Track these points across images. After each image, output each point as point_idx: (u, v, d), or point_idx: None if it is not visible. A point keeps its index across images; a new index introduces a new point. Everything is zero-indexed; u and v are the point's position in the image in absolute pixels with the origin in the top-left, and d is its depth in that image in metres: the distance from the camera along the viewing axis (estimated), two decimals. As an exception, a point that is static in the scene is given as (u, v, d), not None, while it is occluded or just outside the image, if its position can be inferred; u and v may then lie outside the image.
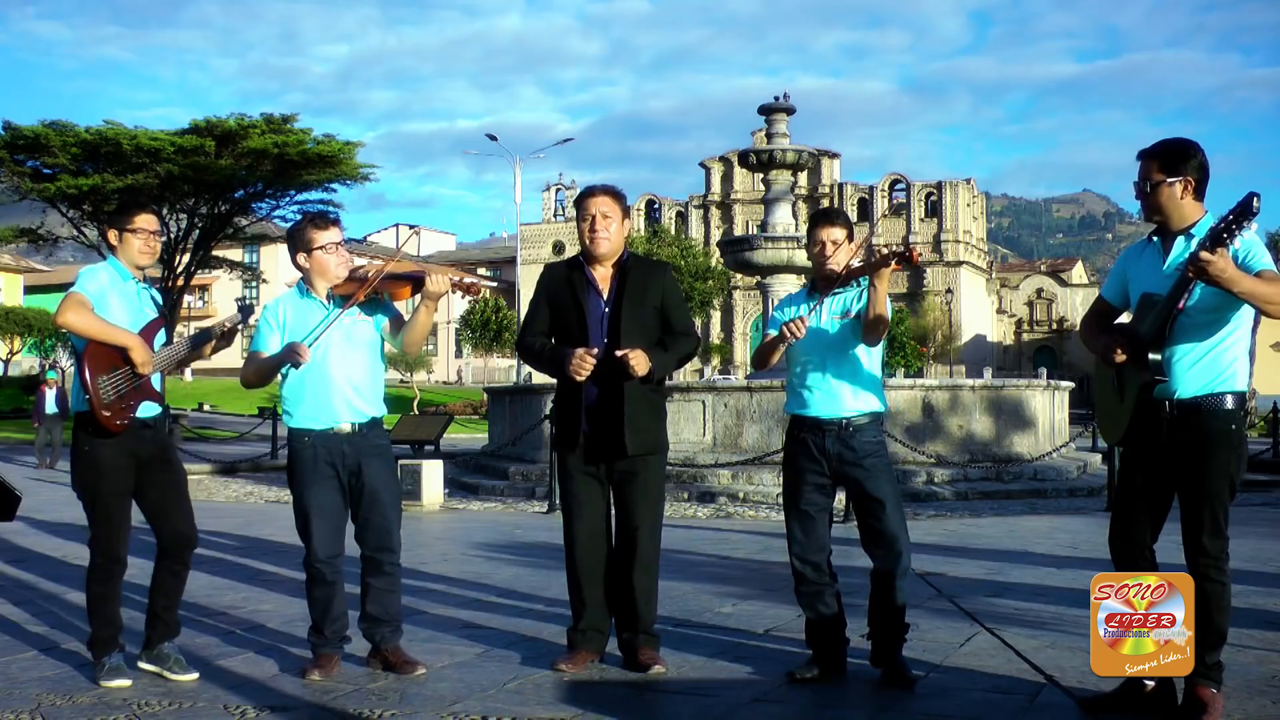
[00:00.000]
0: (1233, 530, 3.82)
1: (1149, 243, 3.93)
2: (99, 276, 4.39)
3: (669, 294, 4.59)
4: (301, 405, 4.50)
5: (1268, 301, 3.54)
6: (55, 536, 9.08)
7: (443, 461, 14.04)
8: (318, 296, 4.55)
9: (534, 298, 4.69)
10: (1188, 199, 3.76)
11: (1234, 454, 3.74)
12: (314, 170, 37.67)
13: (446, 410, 37.02)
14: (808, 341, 4.44)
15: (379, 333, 4.62)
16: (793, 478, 4.48)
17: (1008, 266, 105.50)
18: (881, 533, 4.36)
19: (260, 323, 4.60)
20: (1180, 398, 3.74)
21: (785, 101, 18.21)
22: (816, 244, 4.50)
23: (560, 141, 58.99)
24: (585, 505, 4.56)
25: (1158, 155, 3.79)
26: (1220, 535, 3.74)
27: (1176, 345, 3.72)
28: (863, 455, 4.37)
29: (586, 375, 4.38)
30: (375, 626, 4.54)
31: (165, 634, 4.50)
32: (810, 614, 4.46)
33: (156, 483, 4.46)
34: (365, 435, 4.53)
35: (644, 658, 4.49)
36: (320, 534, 4.46)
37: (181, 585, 4.58)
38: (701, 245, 63.04)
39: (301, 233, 4.58)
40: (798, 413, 4.50)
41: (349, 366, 4.51)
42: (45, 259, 56.42)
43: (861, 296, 4.40)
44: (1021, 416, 14.45)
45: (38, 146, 35.47)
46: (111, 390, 4.28)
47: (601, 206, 4.54)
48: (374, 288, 4.48)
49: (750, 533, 9.72)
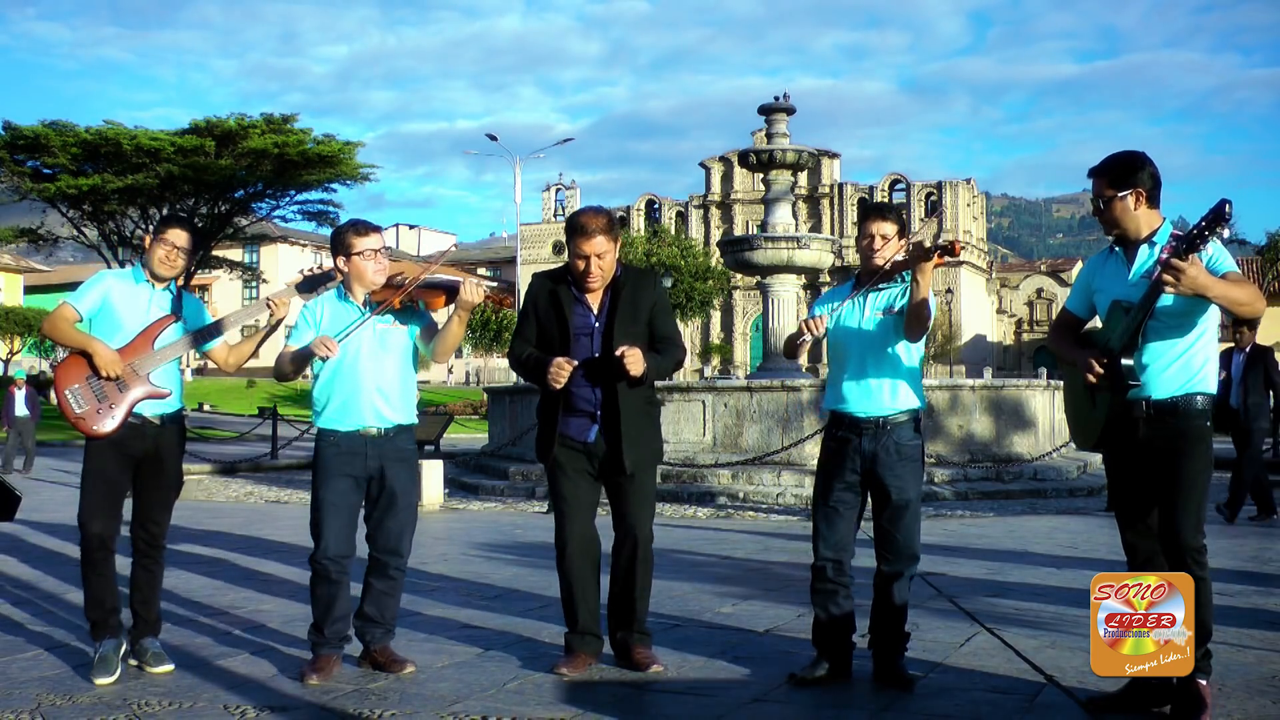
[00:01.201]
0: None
1: (1110, 253, 3.98)
2: (99, 284, 4.60)
3: (658, 306, 4.58)
4: (330, 406, 4.54)
5: (1240, 303, 3.61)
6: (55, 536, 9.07)
7: (443, 461, 14.03)
8: (355, 301, 4.59)
9: (522, 309, 4.70)
10: (1141, 209, 3.83)
11: (1208, 450, 3.82)
12: (314, 170, 37.71)
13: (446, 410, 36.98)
14: (848, 337, 4.43)
15: (413, 340, 4.66)
16: (825, 474, 4.45)
17: (1008, 266, 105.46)
18: (897, 538, 4.34)
19: (298, 320, 4.65)
20: (1156, 399, 3.78)
21: (785, 101, 18.20)
22: (866, 237, 4.46)
23: (560, 142, 59.00)
24: (576, 507, 4.54)
25: (1105, 171, 3.87)
26: (1200, 530, 3.79)
27: (1150, 348, 3.77)
28: (898, 458, 4.33)
29: (563, 383, 4.39)
30: (368, 626, 4.56)
31: (143, 630, 4.60)
32: (821, 613, 4.43)
33: (144, 482, 4.59)
34: (391, 440, 4.55)
35: (640, 657, 4.50)
36: (331, 531, 4.47)
37: (154, 580, 4.64)
38: (701, 245, 62.99)
39: (342, 237, 4.63)
40: (836, 409, 4.46)
41: (380, 371, 4.54)
42: (45, 259, 56.48)
43: (905, 293, 4.36)
44: (1021, 416, 14.44)
45: (38, 146, 35.50)
46: (84, 399, 4.43)
47: (597, 248, 4.43)
48: (409, 294, 4.51)
49: (750, 533, 9.71)
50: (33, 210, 38.04)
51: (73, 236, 38.90)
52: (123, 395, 4.46)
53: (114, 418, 4.44)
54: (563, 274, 4.61)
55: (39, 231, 38.87)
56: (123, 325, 4.53)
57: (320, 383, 4.57)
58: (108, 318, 4.54)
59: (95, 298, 4.55)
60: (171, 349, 4.57)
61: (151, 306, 4.59)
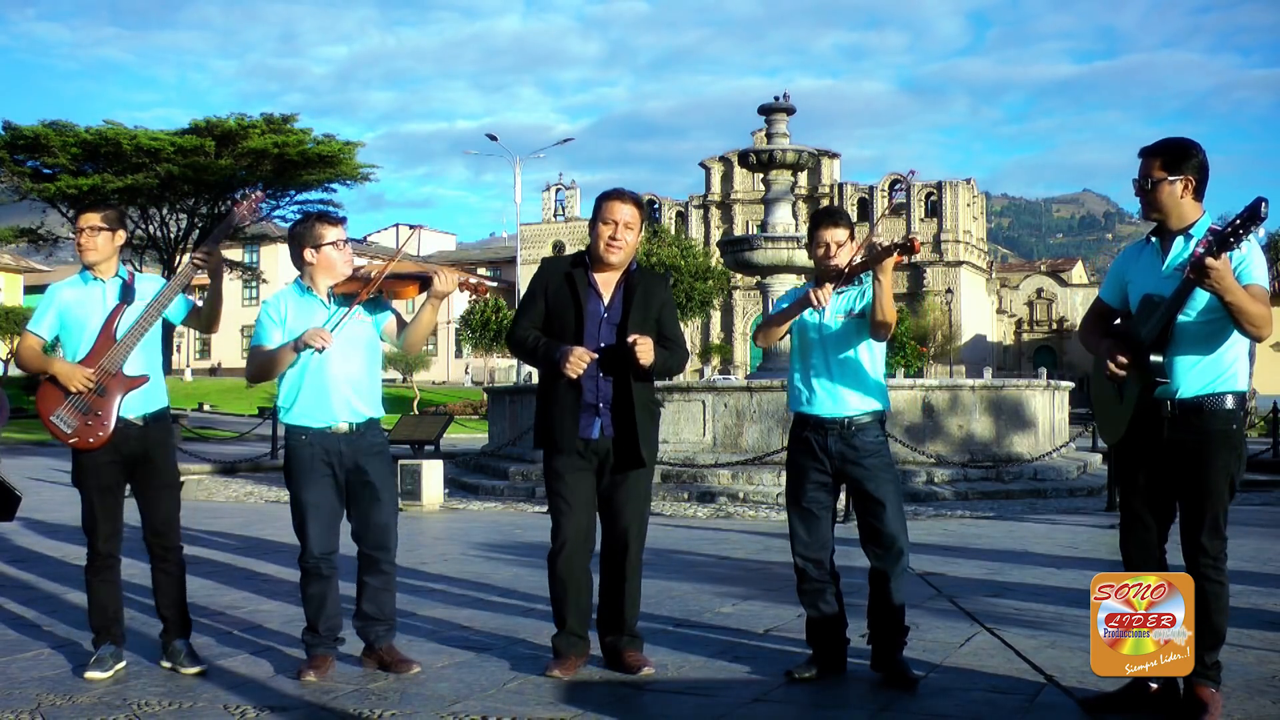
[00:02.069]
0: (1233, 530, 3.82)
1: (1147, 243, 3.92)
2: (50, 301, 4.58)
3: (666, 306, 4.58)
4: (299, 403, 4.50)
5: (1249, 320, 3.55)
6: (55, 537, 9.07)
7: (443, 461, 14.02)
8: (318, 294, 4.55)
9: (529, 290, 4.61)
10: (1187, 198, 3.76)
11: (1234, 454, 3.74)
12: (314, 170, 37.74)
13: (446, 410, 37.01)
14: (811, 339, 4.44)
15: (378, 332, 4.62)
16: (795, 476, 4.47)
17: (1008, 266, 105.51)
18: (881, 532, 4.36)
19: (261, 318, 4.60)
20: (1182, 397, 3.73)
21: (785, 101, 18.20)
22: (819, 245, 4.46)
23: (560, 142, 58.95)
24: (574, 507, 4.47)
25: (1160, 153, 3.78)
26: (1219, 535, 3.73)
27: (1178, 346, 3.71)
28: (864, 454, 4.36)
29: (579, 374, 4.34)
30: (370, 625, 4.55)
31: (174, 633, 4.60)
32: (811, 612, 4.46)
33: (140, 483, 4.58)
34: (363, 435, 4.53)
35: (631, 660, 4.46)
36: (315, 531, 4.47)
37: (175, 584, 4.62)
38: (701, 245, 62.98)
39: (310, 228, 4.59)
40: (800, 410, 4.49)
41: (348, 366, 4.50)
42: (45, 259, 56.43)
43: (865, 295, 4.38)
44: (1021, 416, 14.44)
45: (38, 146, 35.51)
46: (69, 418, 4.41)
47: (627, 216, 4.45)
48: (379, 286, 4.47)
49: (750, 533, 9.71)
50: (33, 210, 38.04)
51: (73, 236, 38.93)
52: (105, 399, 4.41)
53: (105, 425, 4.41)
54: (578, 259, 4.57)
55: (39, 231, 38.89)
56: (87, 330, 4.48)
57: (288, 380, 4.51)
58: (70, 328, 4.50)
59: (51, 316, 4.53)
60: (134, 332, 4.46)
61: (106, 301, 4.52)
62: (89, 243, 4.53)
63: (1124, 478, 4.02)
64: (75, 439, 4.41)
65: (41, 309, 4.58)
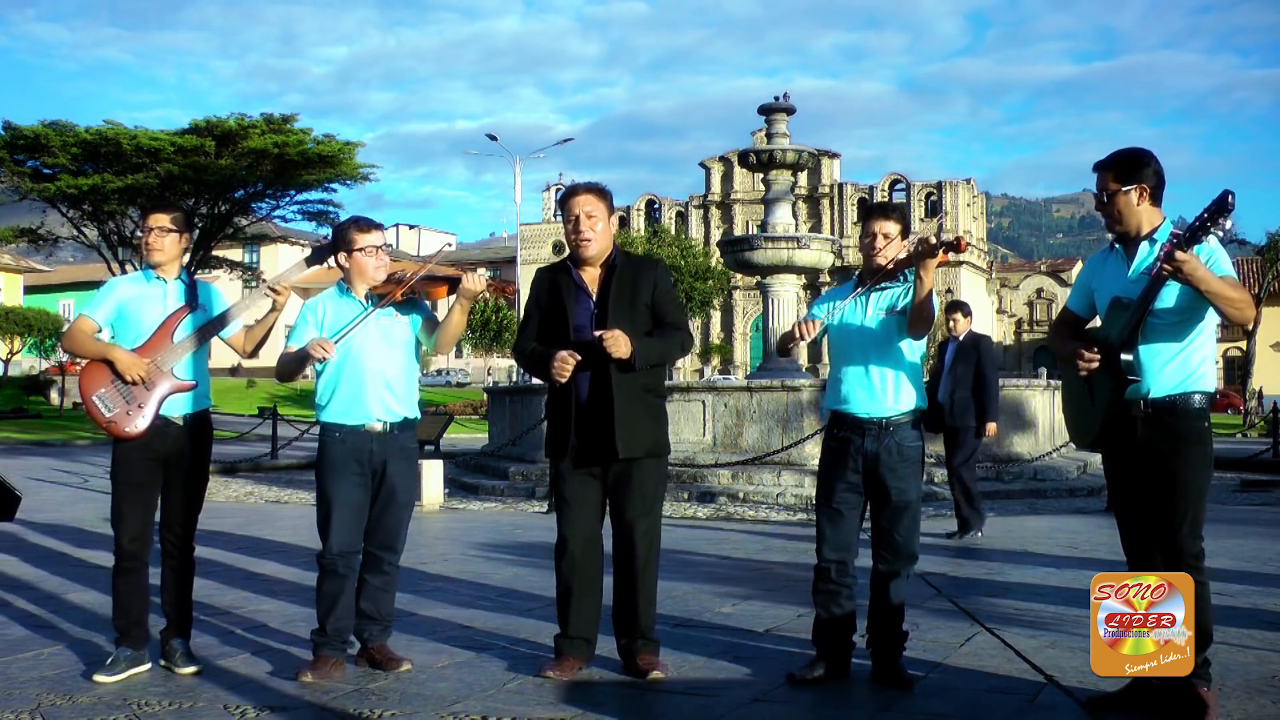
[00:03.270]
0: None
1: (1111, 251, 3.98)
2: (112, 291, 4.62)
3: (660, 289, 4.48)
4: (335, 400, 4.53)
5: (1232, 304, 3.60)
6: (55, 536, 9.08)
7: (443, 461, 14.03)
8: (356, 296, 4.60)
9: (527, 305, 4.66)
10: (1144, 205, 3.84)
11: (1207, 451, 3.81)
12: (314, 170, 37.67)
13: (446, 410, 36.98)
14: (851, 337, 4.41)
15: (415, 333, 4.67)
16: (827, 475, 4.44)
17: (1008, 266, 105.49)
18: (895, 538, 4.34)
19: (298, 319, 4.64)
20: (1154, 397, 3.77)
21: (785, 101, 18.21)
22: (867, 235, 4.45)
23: (560, 142, 58.92)
24: (579, 510, 4.44)
25: (1111, 166, 3.87)
26: (1198, 533, 3.78)
27: (1148, 346, 3.76)
28: (900, 459, 4.31)
29: (567, 377, 4.33)
30: (365, 624, 4.56)
31: (172, 631, 4.61)
32: (823, 613, 4.42)
33: (170, 483, 4.58)
34: (395, 435, 4.56)
35: (643, 663, 4.42)
36: (339, 528, 4.47)
37: (182, 583, 4.63)
38: (701, 245, 62.99)
39: (344, 233, 4.64)
40: (838, 409, 4.44)
41: (385, 365, 4.55)
42: (45, 259, 56.43)
43: (908, 292, 4.33)
44: (1021, 416, 14.44)
45: (38, 146, 35.46)
46: (112, 402, 4.43)
47: (585, 206, 4.44)
48: (411, 288, 4.53)
49: (750, 533, 9.71)
50: (33, 210, 37.98)
51: (73, 236, 38.86)
52: (149, 393, 4.46)
53: (145, 417, 4.44)
54: (563, 264, 4.58)
55: (39, 231, 38.82)
56: (143, 326, 4.53)
57: (325, 377, 4.56)
58: (126, 322, 4.55)
59: (110, 305, 4.56)
60: (193, 339, 4.56)
61: (167, 301, 4.59)
62: (157, 243, 4.58)
63: (1110, 481, 4.08)
64: (114, 423, 4.43)
65: (100, 297, 4.60)
